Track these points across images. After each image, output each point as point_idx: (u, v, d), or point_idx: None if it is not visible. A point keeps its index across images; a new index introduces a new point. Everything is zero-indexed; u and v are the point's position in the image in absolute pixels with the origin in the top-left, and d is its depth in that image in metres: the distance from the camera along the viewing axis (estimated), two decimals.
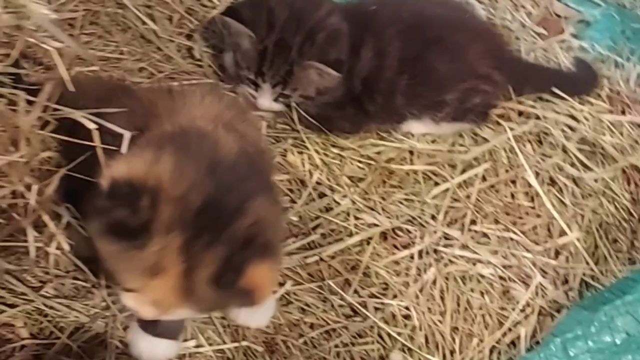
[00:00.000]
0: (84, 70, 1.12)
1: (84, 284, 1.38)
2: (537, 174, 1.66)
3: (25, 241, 1.14)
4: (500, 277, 1.52)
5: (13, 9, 1.05)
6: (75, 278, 1.38)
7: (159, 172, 0.96)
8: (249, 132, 1.19)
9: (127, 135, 1.04)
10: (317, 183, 1.61)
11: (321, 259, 1.51)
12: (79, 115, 1.09)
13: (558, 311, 1.48)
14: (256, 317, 1.39)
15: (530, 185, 1.65)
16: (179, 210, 0.95)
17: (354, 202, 1.59)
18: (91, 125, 1.07)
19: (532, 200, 1.65)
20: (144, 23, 1.81)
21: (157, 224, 0.94)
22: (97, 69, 1.12)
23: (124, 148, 1.02)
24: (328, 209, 1.59)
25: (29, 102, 1.10)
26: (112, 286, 1.34)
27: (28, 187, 1.08)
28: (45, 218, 1.09)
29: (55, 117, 1.09)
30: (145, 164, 0.97)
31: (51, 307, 1.33)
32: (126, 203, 0.93)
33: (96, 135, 1.06)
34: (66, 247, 1.11)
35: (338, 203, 1.59)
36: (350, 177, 1.66)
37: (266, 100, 1.65)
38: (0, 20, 1.00)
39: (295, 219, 1.55)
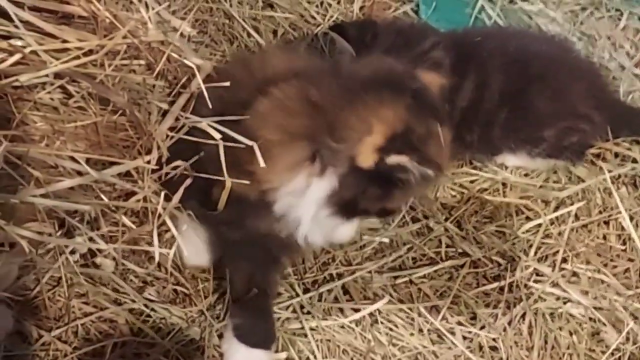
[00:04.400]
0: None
1: (182, 289, 1.43)
2: (631, 218, 1.65)
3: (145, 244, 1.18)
4: (590, 319, 1.52)
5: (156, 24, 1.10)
6: (175, 283, 1.43)
7: None
8: None
9: (255, 146, 1.08)
10: (411, 208, 1.63)
11: (411, 282, 1.53)
12: (205, 125, 1.13)
13: None
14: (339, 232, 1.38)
15: (623, 228, 1.65)
16: None
17: (446, 230, 1.61)
18: (217, 135, 1.11)
19: (624, 243, 1.65)
20: (249, 35, 1.85)
21: None
22: (227, 84, 1.13)
23: (259, 160, 1.05)
24: (420, 234, 1.61)
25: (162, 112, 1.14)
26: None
27: (156, 194, 1.11)
28: (169, 223, 1.12)
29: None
30: None
31: (152, 309, 1.38)
32: None
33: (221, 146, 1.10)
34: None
35: (431, 229, 1.61)
36: (442, 204, 1.68)
37: None
38: (148, 35, 1.04)
39: (386, 240, 1.58)
